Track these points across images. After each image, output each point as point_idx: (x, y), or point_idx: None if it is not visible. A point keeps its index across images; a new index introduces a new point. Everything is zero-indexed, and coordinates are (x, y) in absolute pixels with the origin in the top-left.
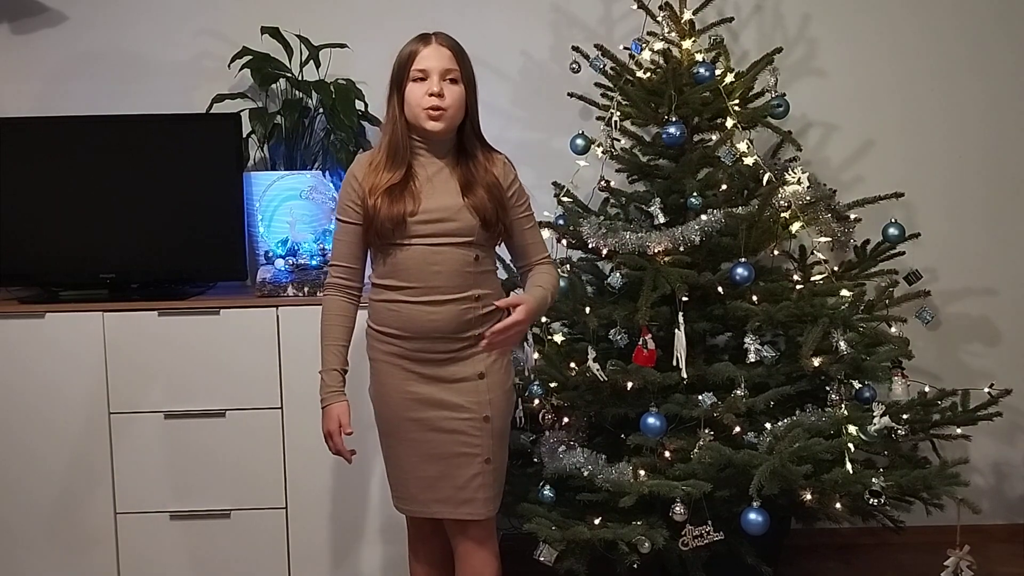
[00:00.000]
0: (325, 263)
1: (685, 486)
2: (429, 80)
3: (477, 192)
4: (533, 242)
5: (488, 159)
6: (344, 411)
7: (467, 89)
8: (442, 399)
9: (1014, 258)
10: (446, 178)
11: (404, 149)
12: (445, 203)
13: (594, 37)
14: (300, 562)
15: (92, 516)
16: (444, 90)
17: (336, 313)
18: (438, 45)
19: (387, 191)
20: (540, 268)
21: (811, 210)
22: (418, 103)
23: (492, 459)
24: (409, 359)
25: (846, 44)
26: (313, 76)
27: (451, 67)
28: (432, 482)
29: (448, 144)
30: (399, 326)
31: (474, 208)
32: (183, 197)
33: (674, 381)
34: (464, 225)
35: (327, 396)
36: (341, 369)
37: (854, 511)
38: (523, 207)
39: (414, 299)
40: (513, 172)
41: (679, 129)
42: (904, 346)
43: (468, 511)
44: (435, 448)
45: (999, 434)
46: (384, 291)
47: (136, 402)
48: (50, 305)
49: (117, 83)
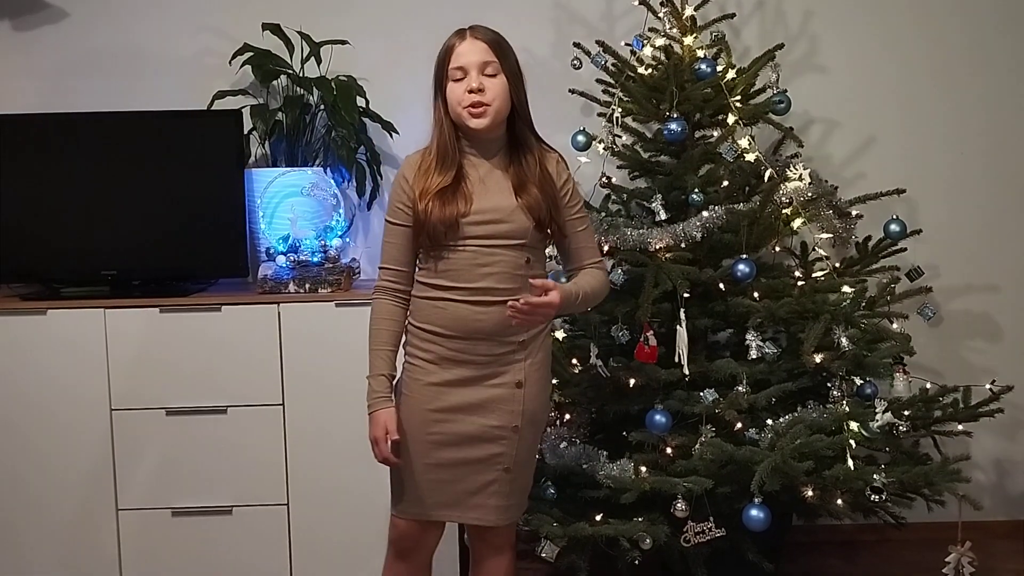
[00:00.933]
0: (326, 260)
1: (687, 483)
2: (468, 77)
3: (531, 191)
4: (585, 246)
5: (542, 155)
6: (391, 418)
7: (511, 81)
8: (474, 404)
9: (1016, 254)
10: (499, 178)
11: (453, 151)
12: (498, 203)
13: (595, 33)
14: (302, 558)
15: (94, 512)
16: (484, 84)
17: (384, 317)
18: (473, 39)
19: (438, 194)
20: (588, 270)
21: (813, 206)
22: (459, 102)
23: (513, 469)
24: (449, 360)
25: (847, 40)
26: (314, 73)
27: (488, 59)
28: (445, 485)
29: (499, 142)
30: (444, 324)
31: (528, 208)
32: (184, 194)
33: (676, 378)
34: (518, 226)
35: (374, 402)
36: (389, 375)
37: (855, 507)
38: (576, 208)
39: (462, 298)
40: (567, 171)
41: (680, 125)
42: (906, 342)
43: (476, 516)
44: (456, 452)
45: (1001, 430)
46: (430, 289)
47: (138, 399)
48: (52, 302)
49: (118, 80)
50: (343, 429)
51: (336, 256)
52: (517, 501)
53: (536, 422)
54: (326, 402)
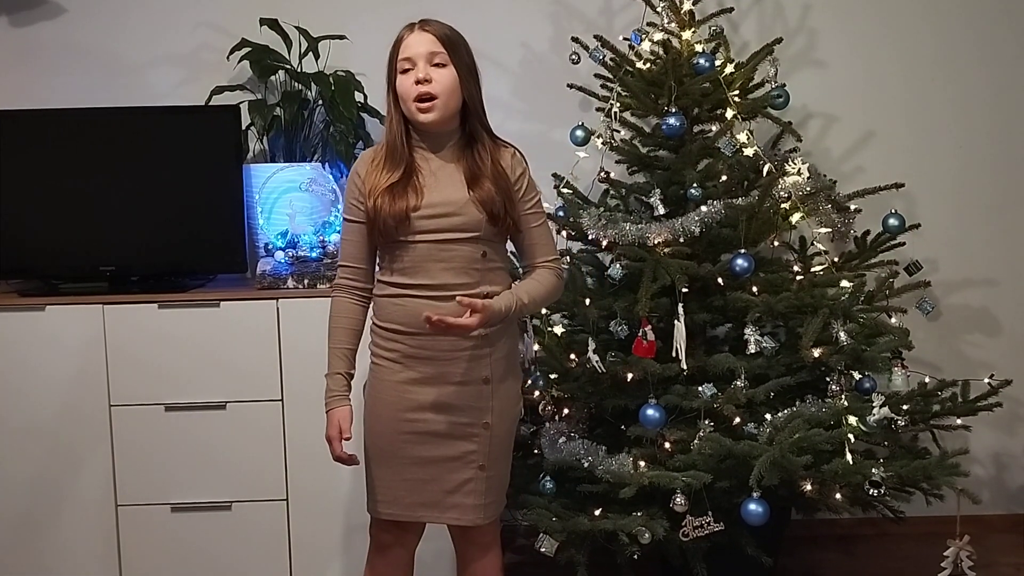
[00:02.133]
0: (325, 255)
1: (685, 477)
2: (415, 68)
3: (484, 185)
4: (539, 242)
5: (496, 151)
6: (345, 416)
7: (462, 74)
8: (442, 402)
9: (1014, 248)
10: (451, 171)
11: (403, 145)
12: (450, 197)
13: (594, 28)
14: (301, 554)
15: (93, 508)
16: (431, 75)
17: (343, 315)
18: (420, 31)
19: (388, 189)
20: (539, 271)
21: (811, 201)
22: (407, 94)
23: (488, 466)
24: (412, 357)
25: (846, 35)
26: (312, 68)
27: (435, 50)
28: (420, 485)
29: (451, 136)
30: (404, 321)
31: (480, 201)
32: (183, 189)
33: (674, 372)
34: (470, 219)
35: (329, 401)
36: (346, 373)
37: (854, 501)
38: (531, 203)
39: (420, 294)
40: (523, 166)
41: (679, 120)
42: (904, 337)
43: (455, 516)
44: (428, 451)
45: (999, 425)
46: (389, 287)
47: (136, 394)
48: (50, 298)
49: (116, 75)
50: None
51: (335, 251)
52: (494, 499)
53: (507, 416)
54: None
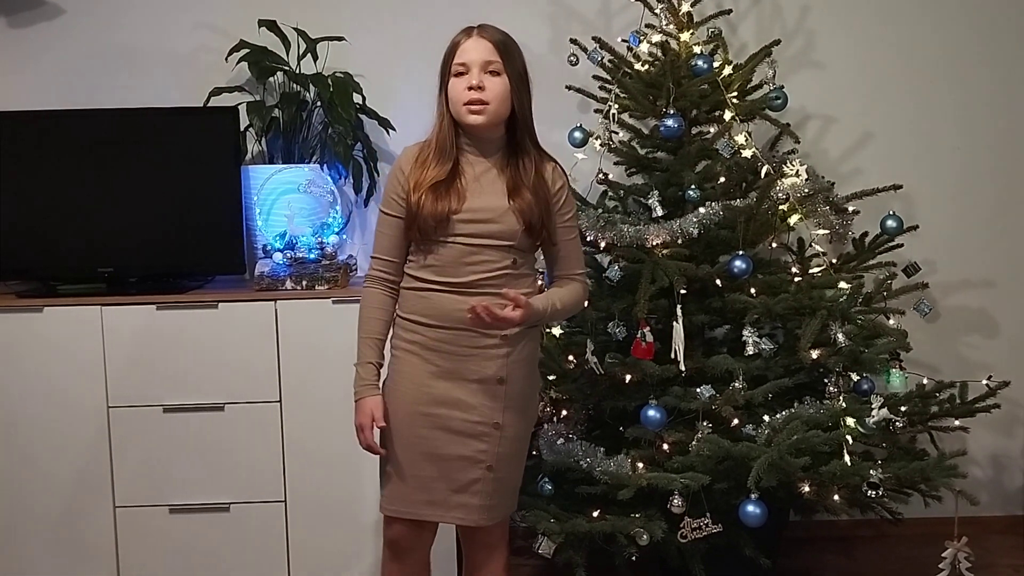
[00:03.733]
0: (323, 257)
1: (683, 478)
2: (470, 73)
3: (524, 195)
4: (570, 255)
5: (540, 162)
6: (377, 405)
7: (514, 83)
8: (457, 398)
9: (1013, 250)
10: (493, 178)
11: (451, 146)
12: (490, 204)
13: (592, 29)
14: (299, 555)
15: (91, 510)
16: (484, 82)
17: (374, 306)
18: (479, 37)
19: (432, 187)
20: (567, 282)
21: (809, 202)
22: (459, 98)
23: (497, 468)
24: (432, 350)
25: (844, 36)
26: (311, 69)
27: (492, 59)
28: (427, 482)
29: (497, 143)
30: (427, 313)
31: (519, 212)
32: (181, 191)
33: (672, 374)
34: (507, 228)
35: (360, 389)
36: (376, 363)
37: (852, 503)
38: (568, 216)
39: (446, 290)
40: (563, 179)
41: (677, 122)
42: (902, 338)
43: (459, 516)
44: (438, 447)
45: (997, 426)
46: (416, 280)
47: (135, 396)
48: (48, 299)
49: (114, 76)
50: (340, 426)
51: (333, 253)
52: (502, 502)
53: (521, 419)
54: (323, 399)
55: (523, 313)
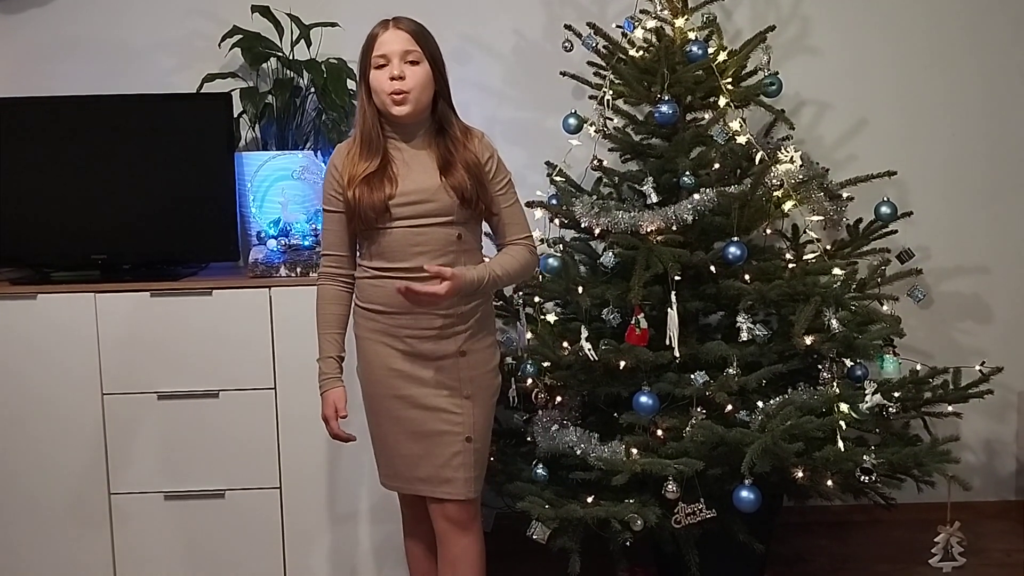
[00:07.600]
0: (317, 243)
1: (677, 464)
2: (390, 65)
3: (456, 171)
4: (511, 221)
5: (466, 136)
6: (340, 397)
7: (432, 67)
8: (423, 377)
9: (1006, 236)
10: (423, 160)
11: (377, 136)
12: (423, 184)
13: (587, 15)
14: (294, 541)
15: (86, 497)
16: (405, 72)
17: (329, 301)
18: (395, 29)
19: (365, 180)
20: (512, 247)
21: (804, 189)
22: (383, 89)
23: (474, 438)
24: (392, 335)
25: (839, 22)
26: (304, 55)
27: (410, 48)
28: (415, 460)
29: (422, 125)
30: (383, 302)
31: (452, 187)
32: (174, 178)
33: (666, 360)
34: (443, 205)
35: (323, 383)
36: (337, 356)
37: (846, 488)
38: (501, 184)
39: (398, 276)
40: (491, 149)
41: (671, 108)
42: (896, 324)
43: (448, 490)
44: (418, 425)
45: (990, 412)
46: (370, 270)
47: (129, 383)
48: (42, 286)
49: (107, 63)
50: None
51: None
52: (479, 473)
53: (485, 389)
54: (318, 385)
55: (451, 285)
